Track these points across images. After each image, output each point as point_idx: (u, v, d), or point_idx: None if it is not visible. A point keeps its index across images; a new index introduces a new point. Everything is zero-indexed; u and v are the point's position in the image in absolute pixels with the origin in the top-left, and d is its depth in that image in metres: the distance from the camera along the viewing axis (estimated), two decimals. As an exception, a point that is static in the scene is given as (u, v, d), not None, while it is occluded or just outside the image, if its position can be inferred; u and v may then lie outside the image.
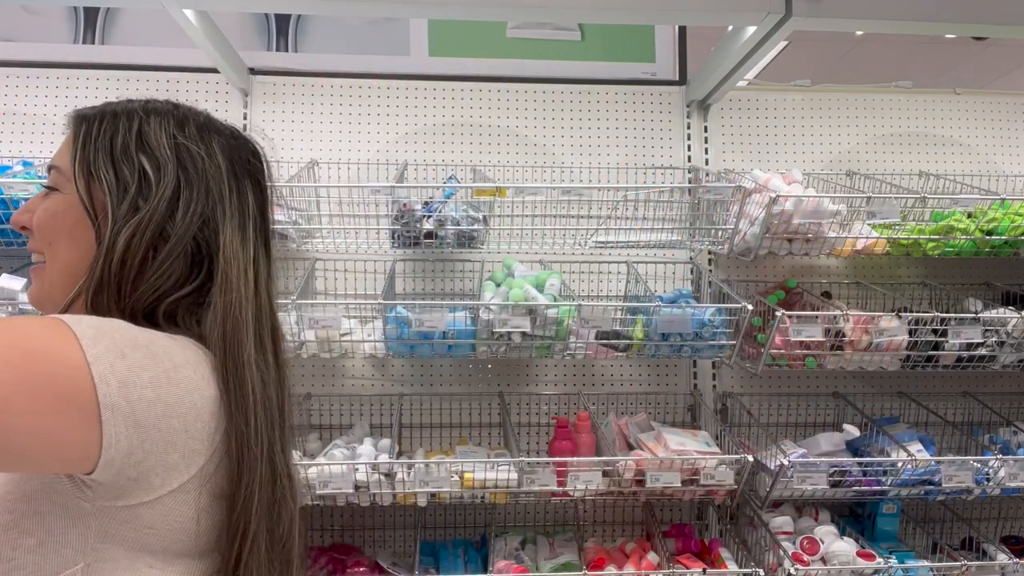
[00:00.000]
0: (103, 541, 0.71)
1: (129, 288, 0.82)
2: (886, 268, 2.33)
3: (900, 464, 1.88)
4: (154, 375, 0.71)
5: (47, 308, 0.88)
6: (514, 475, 1.79)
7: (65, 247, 0.85)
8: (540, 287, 1.88)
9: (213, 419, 0.76)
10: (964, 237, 2.00)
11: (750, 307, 1.83)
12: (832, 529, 1.98)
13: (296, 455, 1.77)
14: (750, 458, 1.84)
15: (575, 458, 1.86)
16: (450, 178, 2.12)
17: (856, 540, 1.98)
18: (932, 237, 2.02)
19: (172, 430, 0.72)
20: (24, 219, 0.89)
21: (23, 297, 1.79)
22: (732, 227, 1.95)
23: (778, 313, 1.81)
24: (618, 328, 1.87)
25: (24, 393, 0.63)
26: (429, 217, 1.90)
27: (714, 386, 2.27)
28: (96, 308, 0.82)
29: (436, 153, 2.26)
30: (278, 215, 1.84)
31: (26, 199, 1.78)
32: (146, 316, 0.83)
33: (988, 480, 1.93)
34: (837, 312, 1.91)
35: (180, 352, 0.76)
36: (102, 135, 0.87)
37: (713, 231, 2.05)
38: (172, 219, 0.84)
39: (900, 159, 2.39)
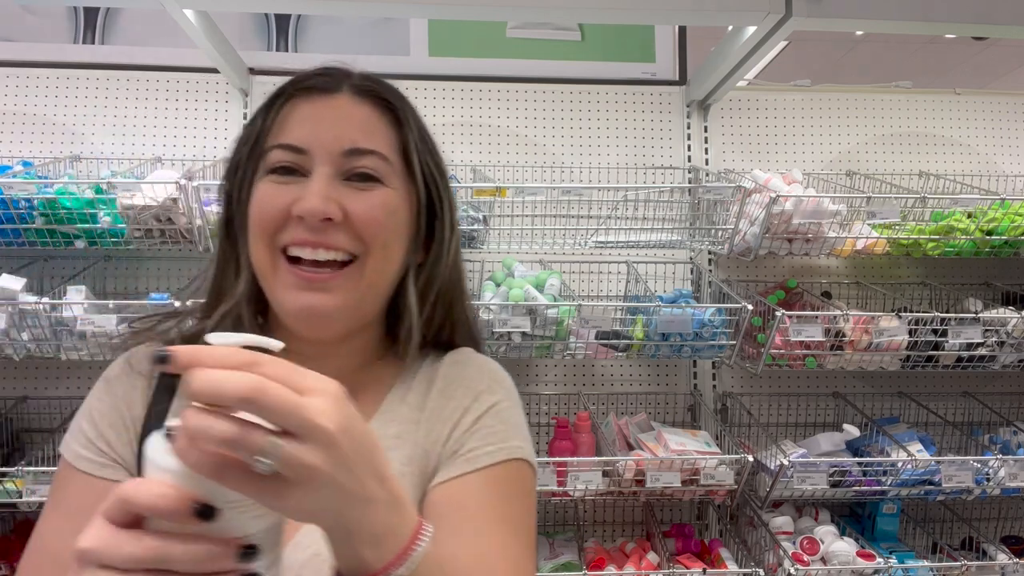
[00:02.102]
0: None
1: (458, 296, 0.81)
2: (886, 268, 2.32)
3: (900, 464, 1.88)
4: None
5: (351, 319, 0.74)
6: (514, 475, 1.79)
7: (397, 250, 0.76)
8: (540, 287, 1.88)
9: None
10: (964, 237, 2.00)
11: (750, 307, 1.83)
12: (832, 529, 1.98)
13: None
14: (750, 458, 1.84)
15: (575, 458, 1.86)
16: (450, 178, 2.11)
17: (856, 540, 1.98)
18: (932, 237, 2.02)
19: None
20: (333, 210, 0.71)
21: (23, 297, 1.72)
22: (732, 227, 1.95)
23: (778, 313, 1.81)
24: (618, 328, 1.87)
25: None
26: (429, 217, 1.90)
27: (714, 386, 2.27)
28: (459, 321, 0.81)
29: (436, 153, 2.26)
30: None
31: (27, 199, 1.75)
32: (468, 325, 0.82)
33: (988, 480, 1.93)
34: (837, 312, 1.91)
35: None
36: (416, 126, 0.79)
37: (713, 231, 2.05)
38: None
39: (900, 159, 2.38)
